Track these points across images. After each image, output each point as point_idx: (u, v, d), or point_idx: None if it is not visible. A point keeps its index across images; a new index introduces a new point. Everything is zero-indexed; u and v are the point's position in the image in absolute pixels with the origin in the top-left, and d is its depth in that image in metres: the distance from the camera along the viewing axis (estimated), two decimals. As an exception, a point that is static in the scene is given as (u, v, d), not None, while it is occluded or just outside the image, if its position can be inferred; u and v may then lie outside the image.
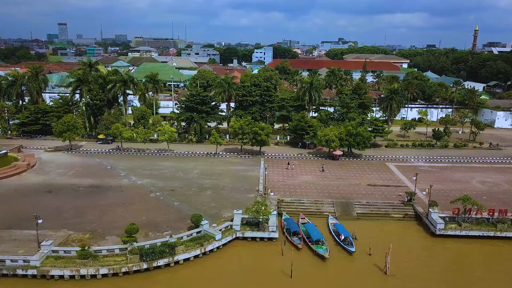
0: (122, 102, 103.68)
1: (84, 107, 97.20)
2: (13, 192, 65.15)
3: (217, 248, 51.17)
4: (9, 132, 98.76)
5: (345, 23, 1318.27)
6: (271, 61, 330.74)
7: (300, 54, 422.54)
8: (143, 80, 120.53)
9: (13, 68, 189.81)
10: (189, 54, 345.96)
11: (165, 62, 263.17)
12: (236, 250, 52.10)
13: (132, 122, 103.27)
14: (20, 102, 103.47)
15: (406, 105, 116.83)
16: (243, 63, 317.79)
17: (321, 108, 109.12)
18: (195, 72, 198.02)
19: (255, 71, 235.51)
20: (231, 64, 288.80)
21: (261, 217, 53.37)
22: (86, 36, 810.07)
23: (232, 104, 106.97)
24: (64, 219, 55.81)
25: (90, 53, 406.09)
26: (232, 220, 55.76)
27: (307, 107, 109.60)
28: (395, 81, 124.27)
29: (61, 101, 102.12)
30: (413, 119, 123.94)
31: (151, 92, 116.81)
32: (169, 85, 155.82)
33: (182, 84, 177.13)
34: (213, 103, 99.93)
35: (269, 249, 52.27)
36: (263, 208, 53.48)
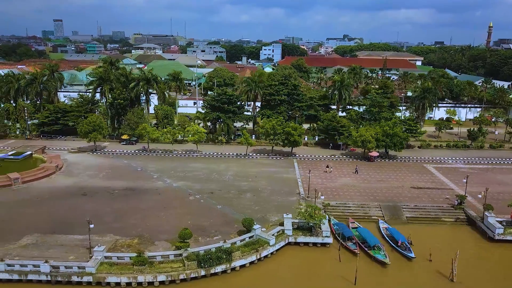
0: (144, 101, 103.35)
1: (107, 107, 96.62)
2: (47, 195, 64.76)
3: (271, 253, 50.84)
4: (28, 132, 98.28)
5: (347, 20, 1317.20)
6: (280, 58, 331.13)
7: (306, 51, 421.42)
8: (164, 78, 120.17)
9: (19, 66, 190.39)
10: (195, 51, 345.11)
11: (172, 59, 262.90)
12: (290, 255, 51.72)
13: (153, 122, 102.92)
14: (38, 101, 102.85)
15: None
16: (251, 61, 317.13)
17: (347, 107, 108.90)
18: (204, 70, 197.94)
19: (267, 69, 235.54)
20: (240, 62, 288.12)
21: (313, 221, 52.98)
22: (82, 33, 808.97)
23: (257, 104, 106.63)
24: (106, 224, 55.35)
25: (90, 50, 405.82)
26: (280, 225, 55.52)
27: (335, 106, 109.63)
28: (428, 79, 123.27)
29: (81, 100, 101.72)
30: (441, 119, 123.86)
31: (171, 92, 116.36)
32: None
33: (193, 83, 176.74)
34: (239, 102, 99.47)
35: (324, 255, 51.93)
36: (316, 212, 53.15)
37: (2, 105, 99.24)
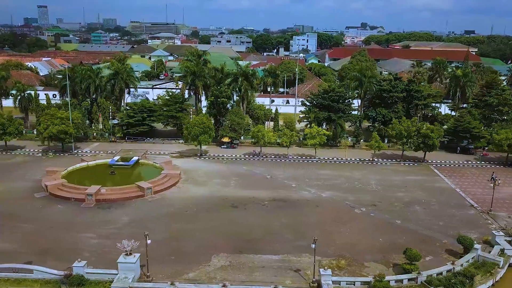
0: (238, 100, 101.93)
1: (207, 106, 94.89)
2: (194, 208, 62.99)
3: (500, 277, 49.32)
4: (109, 134, 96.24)
5: (359, 6, 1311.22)
6: (315, 49, 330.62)
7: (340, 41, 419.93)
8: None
9: (44, 59, 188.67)
10: (220, 41, 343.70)
11: (205, 50, 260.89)
12: (519, 279, 50.19)
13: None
14: (120, 100, 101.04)
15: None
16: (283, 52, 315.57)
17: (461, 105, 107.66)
18: (244, 63, 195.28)
19: (312, 61, 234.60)
20: (277, 54, 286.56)
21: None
22: (67, 20, 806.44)
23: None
24: (290, 241, 53.74)
25: (96, 40, 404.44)
26: (484, 242, 54.14)
27: (434, 104, 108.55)
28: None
29: (167, 97, 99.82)
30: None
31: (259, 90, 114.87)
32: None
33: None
34: (348, 100, 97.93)
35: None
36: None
37: (80, 104, 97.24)
